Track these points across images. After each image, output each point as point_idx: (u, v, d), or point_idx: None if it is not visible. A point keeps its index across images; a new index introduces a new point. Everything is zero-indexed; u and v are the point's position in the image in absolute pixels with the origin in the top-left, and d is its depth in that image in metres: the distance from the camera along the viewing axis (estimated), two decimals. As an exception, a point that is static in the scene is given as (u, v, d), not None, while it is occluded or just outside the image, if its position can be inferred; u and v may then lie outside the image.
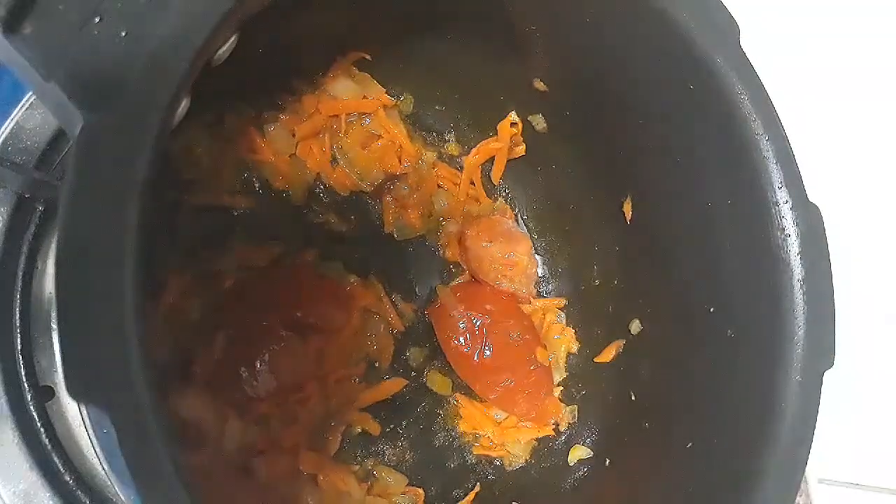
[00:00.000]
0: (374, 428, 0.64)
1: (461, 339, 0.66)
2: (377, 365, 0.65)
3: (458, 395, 0.68)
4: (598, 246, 0.67)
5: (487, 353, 0.66)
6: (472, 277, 0.70)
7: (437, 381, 0.67)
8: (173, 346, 0.55)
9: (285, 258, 0.63)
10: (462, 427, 0.67)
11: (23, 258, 0.52)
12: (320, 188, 0.66)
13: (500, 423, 0.67)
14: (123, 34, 0.31)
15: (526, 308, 0.69)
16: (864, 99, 0.83)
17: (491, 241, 0.68)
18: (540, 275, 0.72)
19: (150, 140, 0.31)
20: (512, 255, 0.68)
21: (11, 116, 0.52)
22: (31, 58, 0.30)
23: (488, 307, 0.67)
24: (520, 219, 0.72)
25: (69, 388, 0.28)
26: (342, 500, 0.59)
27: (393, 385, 0.65)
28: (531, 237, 0.72)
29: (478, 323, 0.66)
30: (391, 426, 0.65)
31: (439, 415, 0.67)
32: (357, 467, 0.63)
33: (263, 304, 0.59)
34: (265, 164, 0.64)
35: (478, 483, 0.66)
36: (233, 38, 0.38)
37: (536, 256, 0.72)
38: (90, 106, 0.30)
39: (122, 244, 0.29)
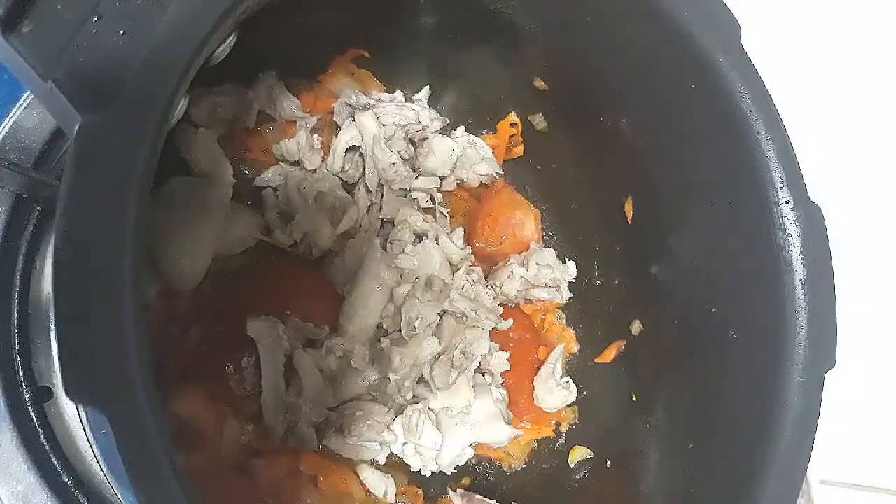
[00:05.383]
0: (375, 428, 0.63)
1: (461, 339, 0.66)
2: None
3: (458, 395, 0.67)
4: (598, 246, 0.66)
5: (487, 353, 0.66)
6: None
7: (437, 382, 0.67)
8: (163, 345, 0.55)
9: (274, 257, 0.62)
10: (462, 427, 0.67)
11: (21, 258, 0.52)
12: (319, 188, 0.66)
13: (500, 423, 0.67)
14: (122, 33, 0.31)
15: (526, 308, 0.69)
16: (865, 98, 0.82)
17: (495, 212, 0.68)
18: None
19: (148, 139, 0.30)
20: (516, 220, 0.68)
21: (9, 116, 0.52)
22: (29, 57, 0.30)
23: (488, 307, 0.67)
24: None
25: (67, 389, 0.28)
26: (342, 500, 0.59)
27: (393, 385, 0.65)
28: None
29: (478, 323, 0.66)
30: (391, 426, 0.65)
31: (439, 415, 0.67)
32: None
33: (252, 301, 0.58)
34: (262, 163, 0.63)
35: (467, 477, 0.65)
36: (231, 38, 0.38)
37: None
38: (88, 105, 0.30)
39: (121, 244, 0.29)
